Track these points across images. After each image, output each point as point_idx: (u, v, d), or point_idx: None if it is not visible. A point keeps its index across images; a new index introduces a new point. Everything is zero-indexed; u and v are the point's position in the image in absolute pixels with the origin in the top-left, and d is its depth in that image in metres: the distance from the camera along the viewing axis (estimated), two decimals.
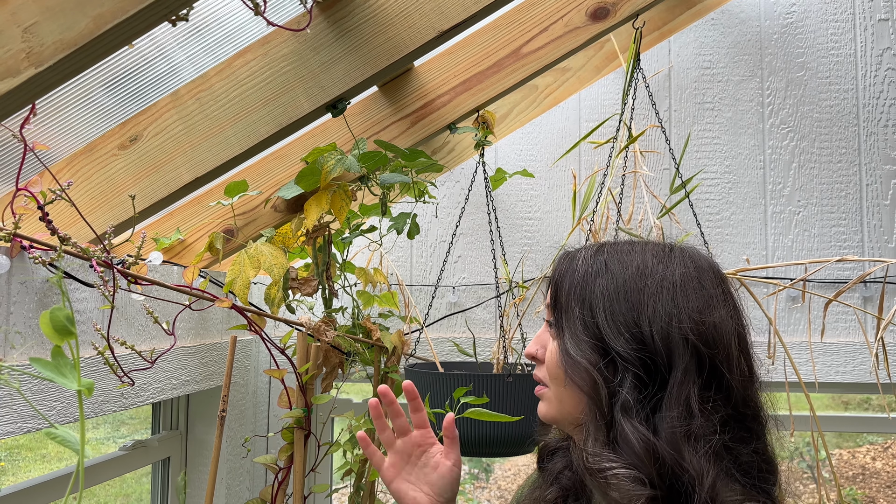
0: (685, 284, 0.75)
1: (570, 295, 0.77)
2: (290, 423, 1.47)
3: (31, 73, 0.84)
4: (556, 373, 0.80)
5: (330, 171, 1.37)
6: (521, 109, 1.92)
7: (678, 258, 0.77)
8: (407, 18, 1.22)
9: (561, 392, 0.80)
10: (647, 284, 0.74)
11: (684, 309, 0.73)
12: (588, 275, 0.77)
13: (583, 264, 0.78)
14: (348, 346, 1.57)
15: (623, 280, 0.75)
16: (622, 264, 0.76)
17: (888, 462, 4.93)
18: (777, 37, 1.87)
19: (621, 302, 0.74)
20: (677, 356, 0.71)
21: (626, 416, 0.70)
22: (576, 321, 0.76)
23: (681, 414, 0.69)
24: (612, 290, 0.75)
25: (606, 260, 0.77)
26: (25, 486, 1.22)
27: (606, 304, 0.74)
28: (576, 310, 0.76)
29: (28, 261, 1.04)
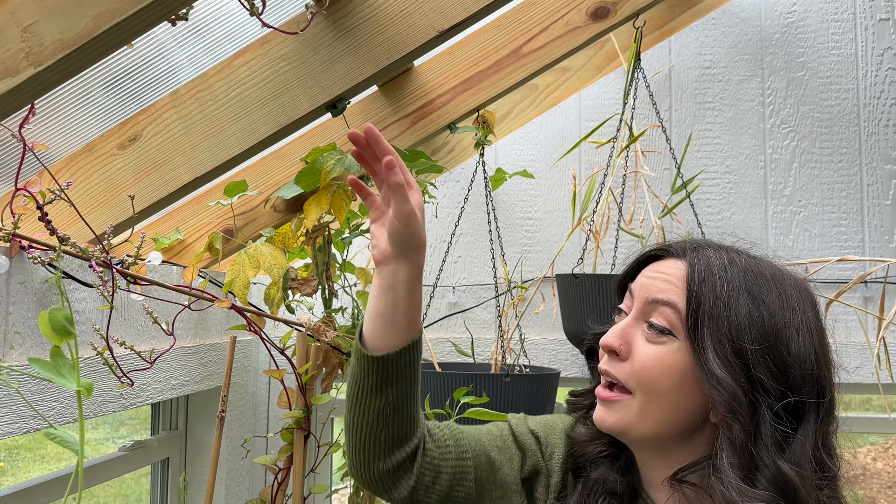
0: (819, 330, 0.75)
1: (718, 310, 0.72)
2: (289, 423, 1.47)
3: (30, 72, 0.84)
4: (655, 380, 0.74)
5: (330, 170, 1.37)
6: (521, 109, 1.92)
7: (810, 299, 0.77)
8: (407, 18, 1.22)
9: (649, 402, 0.75)
10: (791, 321, 0.73)
11: (822, 355, 0.74)
12: (732, 291, 0.73)
13: (723, 275, 0.74)
14: (348, 347, 1.56)
15: (766, 311, 0.73)
16: (766, 288, 0.74)
17: (889, 462, 4.92)
18: (778, 36, 1.87)
19: (769, 333, 0.72)
20: (814, 414, 0.72)
21: (772, 450, 0.69)
22: (723, 340, 0.71)
23: (812, 457, 0.70)
24: (760, 318, 0.72)
25: (745, 277, 0.75)
26: (25, 486, 1.22)
27: (754, 332, 0.72)
28: (725, 328, 0.72)
29: (27, 261, 1.04)
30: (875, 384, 1.54)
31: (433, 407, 1.31)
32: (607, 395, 0.78)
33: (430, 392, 1.39)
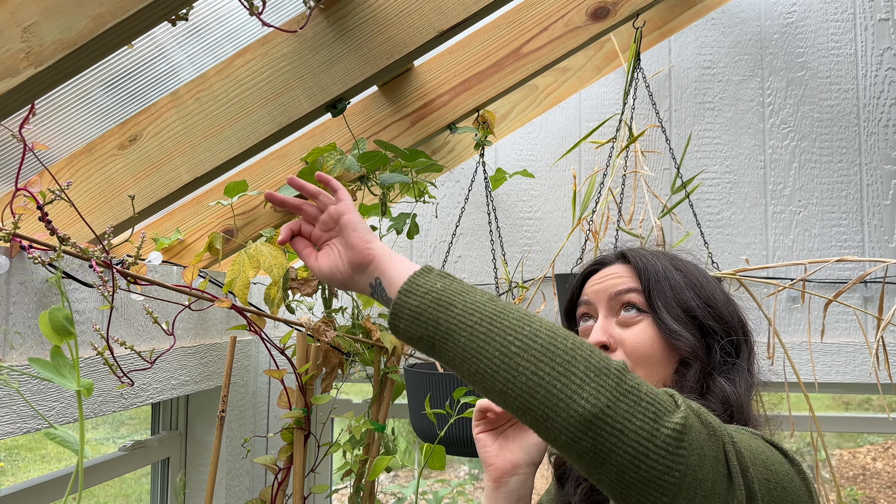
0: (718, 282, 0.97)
1: (661, 281, 0.91)
2: (289, 423, 1.47)
3: (30, 72, 0.84)
4: (647, 353, 0.88)
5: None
6: (521, 109, 1.92)
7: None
8: (407, 18, 1.22)
9: (646, 373, 0.88)
10: (708, 280, 0.94)
11: (726, 298, 0.94)
12: (666, 268, 0.92)
13: (654, 258, 0.93)
14: (348, 347, 1.57)
15: (694, 275, 0.93)
16: (683, 264, 0.95)
17: (888, 462, 4.93)
18: (777, 36, 1.87)
19: (700, 289, 0.92)
20: (742, 334, 0.92)
21: (719, 375, 0.88)
22: (671, 303, 0.89)
23: (749, 369, 0.91)
24: (691, 281, 0.92)
25: (667, 259, 0.95)
26: (25, 486, 1.22)
27: (690, 291, 0.91)
28: (669, 294, 0.90)
29: (27, 261, 1.04)
30: (875, 384, 1.54)
31: (433, 407, 1.31)
32: None
33: (430, 392, 1.39)
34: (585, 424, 0.62)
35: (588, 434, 0.62)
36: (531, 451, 0.89)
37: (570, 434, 0.63)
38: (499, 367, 0.66)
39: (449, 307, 0.70)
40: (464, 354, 0.68)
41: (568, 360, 0.65)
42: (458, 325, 0.69)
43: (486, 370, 0.67)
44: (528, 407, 0.64)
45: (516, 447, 0.89)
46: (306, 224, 0.87)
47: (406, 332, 0.72)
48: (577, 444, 0.63)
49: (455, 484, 4.57)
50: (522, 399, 0.65)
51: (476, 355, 0.67)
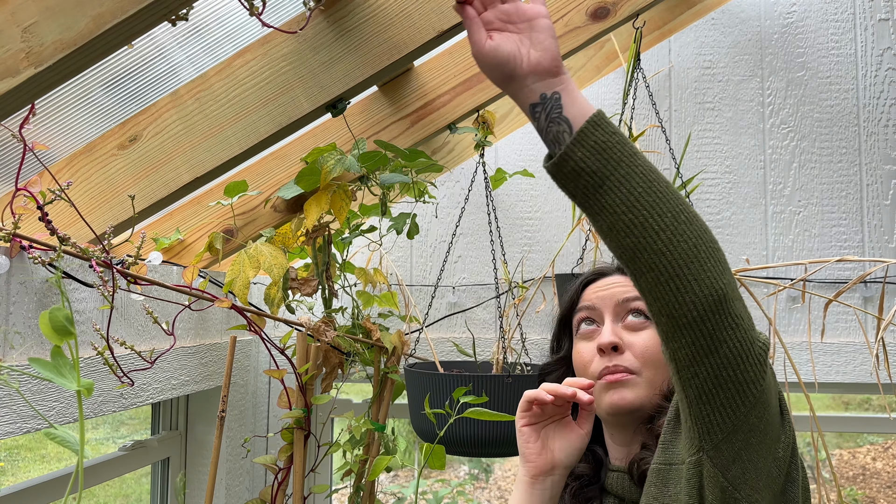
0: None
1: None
2: (289, 423, 1.47)
3: (30, 72, 0.84)
4: (654, 355, 0.90)
5: (330, 171, 1.37)
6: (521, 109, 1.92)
7: None
8: (407, 18, 1.22)
9: (654, 375, 0.91)
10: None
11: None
12: None
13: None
14: (348, 347, 1.57)
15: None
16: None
17: (888, 462, 4.93)
18: (777, 37, 1.87)
19: None
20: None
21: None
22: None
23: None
24: None
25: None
26: (25, 486, 1.22)
27: None
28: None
29: (27, 261, 1.04)
30: (875, 384, 1.54)
31: (433, 407, 1.31)
32: (619, 377, 0.90)
33: (430, 392, 1.39)
34: (718, 303, 0.68)
35: (716, 314, 0.68)
36: (571, 453, 0.89)
37: (702, 310, 0.68)
38: (665, 227, 0.69)
39: (633, 154, 0.71)
40: (632, 202, 0.69)
41: (716, 248, 0.71)
42: (638, 174, 0.70)
43: (651, 225, 0.69)
44: (675, 273, 0.68)
45: (557, 447, 0.90)
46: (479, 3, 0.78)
47: (580, 162, 0.70)
48: (703, 323, 0.68)
49: (455, 484, 4.57)
50: (674, 264, 0.68)
51: (647, 208, 0.69)
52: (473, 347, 1.67)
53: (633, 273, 0.71)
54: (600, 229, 0.72)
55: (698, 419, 0.73)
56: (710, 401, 0.71)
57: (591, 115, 0.71)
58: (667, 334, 0.71)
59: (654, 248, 0.69)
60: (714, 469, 0.73)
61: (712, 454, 0.73)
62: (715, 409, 0.72)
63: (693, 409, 0.73)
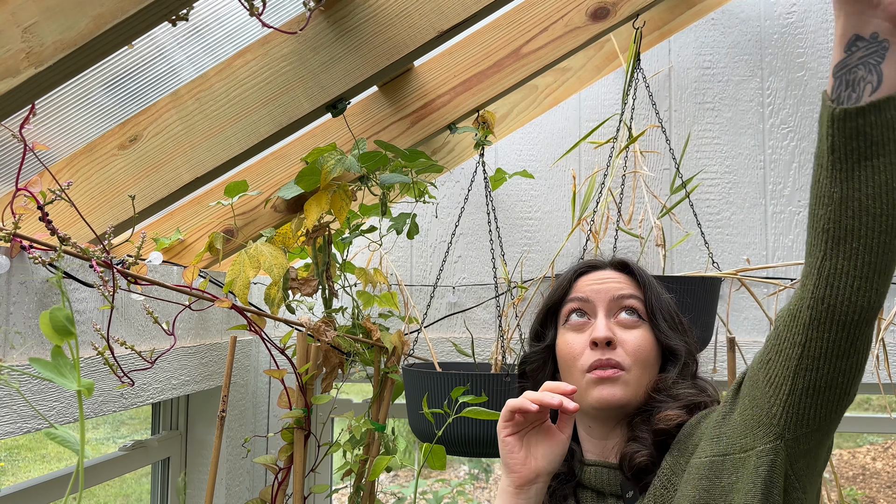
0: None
1: (659, 295, 0.98)
2: (290, 423, 1.47)
3: (30, 73, 0.84)
4: (646, 356, 0.94)
5: (330, 171, 1.37)
6: (521, 109, 1.92)
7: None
8: (407, 18, 1.22)
9: (642, 374, 0.93)
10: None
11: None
12: (658, 286, 1.00)
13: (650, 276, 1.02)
14: (348, 347, 1.57)
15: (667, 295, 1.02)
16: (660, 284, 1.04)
17: (888, 462, 4.93)
18: (777, 37, 1.87)
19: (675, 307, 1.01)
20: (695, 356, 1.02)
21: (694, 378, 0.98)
22: (666, 314, 0.98)
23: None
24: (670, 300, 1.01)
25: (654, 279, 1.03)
26: (25, 486, 1.22)
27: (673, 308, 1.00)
28: (665, 306, 0.98)
29: (28, 261, 1.04)
30: (875, 384, 1.54)
31: (431, 406, 1.31)
32: (611, 372, 0.92)
33: (428, 392, 1.39)
34: (874, 315, 0.70)
35: (868, 325, 0.71)
36: (553, 459, 0.89)
37: (868, 315, 0.70)
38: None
39: None
40: (886, 190, 0.66)
41: None
42: None
43: (890, 219, 0.67)
44: (885, 270, 0.69)
45: (540, 455, 0.89)
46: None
47: (867, 127, 0.65)
48: (857, 327, 0.70)
49: (455, 484, 4.57)
50: (889, 268, 0.69)
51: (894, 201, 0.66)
52: (472, 347, 1.67)
53: (832, 251, 0.68)
54: (831, 195, 0.67)
55: (793, 409, 0.74)
56: (816, 397, 0.73)
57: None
58: (814, 321, 0.71)
59: (880, 240, 0.67)
60: (787, 458, 0.76)
61: (791, 443, 0.75)
62: (815, 405, 0.73)
63: (793, 399, 0.74)
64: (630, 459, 0.89)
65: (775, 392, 0.75)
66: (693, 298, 1.44)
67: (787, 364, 0.74)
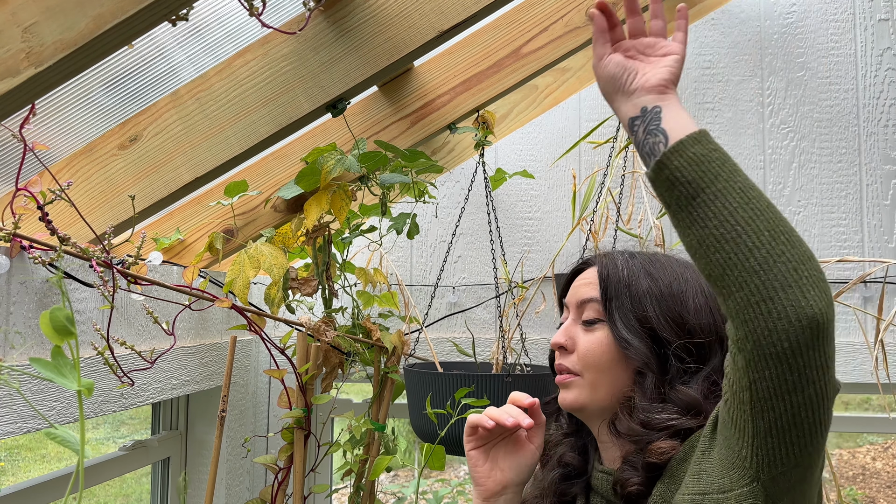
0: (703, 287, 0.91)
1: (620, 291, 0.89)
2: (290, 423, 1.47)
3: (30, 72, 0.84)
4: (597, 360, 0.88)
5: (330, 171, 1.37)
6: (521, 109, 1.92)
7: (687, 265, 0.93)
8: (407, 18, 1.22)
9: (597, 378, 0.88)
10: (684, 288, 0.89)
11: (705, 306, 0.89)
12: (632, 275, 0.90)
13: (624, 265, 0.91)
14: (348, 346, 1.57)
15: (666, 282, 0.90)
16: (661, 270, 0.91)
17: (888, 462, 4.93)
18: (777, 37, 1.87)
19: (667, 299, 0.88)
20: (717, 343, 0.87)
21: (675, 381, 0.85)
22: (627, 312, 0.88)
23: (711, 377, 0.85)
24: (660, 288, 0.89)
25: (643, 265, 0.91)
26: (25, 486, 1.22)
27: (653, 300, 0.88)
28: (627, 303, 0.88)
29: (28, 261, 1.04)
30: (874, 384, 1.54)
31: (434, 407, 1.31)
32: (561, 379, 0.90)
33: (431, 392, 1.39)
34: (814, 338, 0.64)
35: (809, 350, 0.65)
36: (522, 470, 0.90)
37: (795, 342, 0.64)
38: (761, 245, 0.66)
39: (734, 171, 0.70)
40: (725, 217, 0.68)
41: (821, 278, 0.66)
42: (736, 190, 0.69)
43: (745, 241, 0.67)
44: (768, 296, 0.65)
45: (507, 467, 0.90)
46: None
47: (676, 171, 0.70)
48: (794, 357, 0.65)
49: (455, 484, 4.57)
50: (769, 285, 0.65)
51: (742, 224, 0.67)
52: (473, 347, 1.67)
53: (721, 294, 0.68)
54: (690, 245, 0.70)
55: (762, 450, 0.69)
56: (782, 437, 0.68)
57: (694, 131, 0.72)
58: (749, 363, 0.66)
59: (745, 266, 0.66)
60: (767, 499, 0.70)
61: (769, 484, 0.70)
62: (784, 444, 0.68)
63: (758, 441, 0.69)
64: (622, 486, 0.86)
65: (741, 435, 0.71)
66: None
67: (742, 408, 0.69)
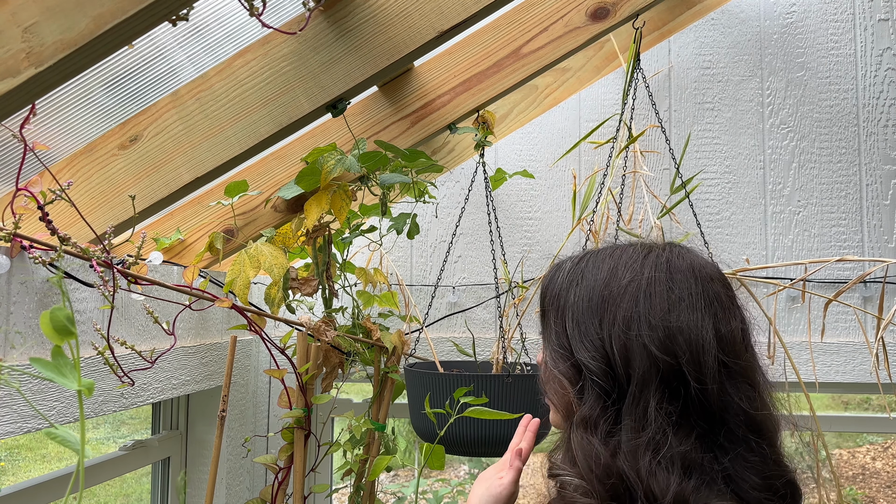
0: (650, 288, 0.71)
1: (550, 305, 0.77)
2: (290, 423, 1.47)
3: (31, 73, 0.84)
4: (544, 376, 0.79)
5: (330, 171, 1.37)
6: (521, 109, 1.92)
7: (652, 261, 0.73)
8: (407, 18, 1.22)
9: (551, 395, 0.79)
10: (612, 291, 0.71)
11: (644, 314, 0.69)
12: (565, 284, 0.76)
13: (566, 274, 0.77)
14: (348, 346, 1.57)
15: (592, 287, 0.73)
16: (597, 271, 0.74)
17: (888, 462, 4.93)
18: (777, 37, 1.87)
19: (586, 310, 0.72)
20: (636, 364, 0.68)
21: (581, 429, 0.69)
22: (551, 332, 0.75)
23: (635, 425, 0.66)
24: (581, 299, 0.73)
25: (584, 268, 0.75)
26: (25, 486, 1.22)
27: (575, 313, 0.72)
28: (552, 320, 0.76)
29: (28, 261, 1.04)
30: (874, 384, 1.54)
31: (433, 406, 1.31)
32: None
33: (430, 392, 1.39)
34: None
35: None
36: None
37: None
38: None
39: None
40: None
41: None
42: None
43: None
44: None
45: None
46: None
47: None
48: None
49: (455, 483, 4.57)
50: None
51: None
52: (473, 347, 1.67)
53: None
54: None
55: None
56: None
57: None
58: None
59: None
60: None
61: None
62: None
63: None
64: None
65: None
66: None
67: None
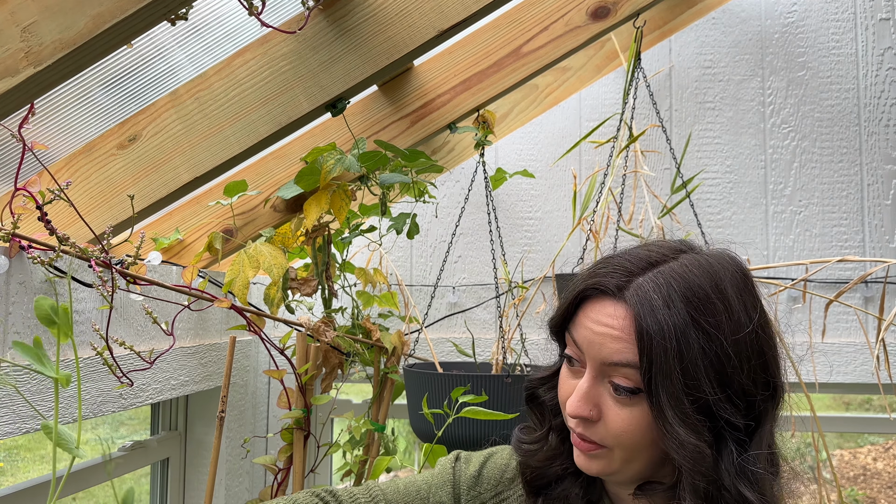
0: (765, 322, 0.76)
1: (669, 362, 0.68)
2: (289, 423, 1.47)
3: (29, 72, 0.84)
4: (635, 440, 0.73)
5: (329, 170, 1.36)
6: (521, 109, 1.92)
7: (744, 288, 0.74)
8: (406, 17, 1.22)
9: (632, 455, 0.74)
10: (741, 337, 0.71)
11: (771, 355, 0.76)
12: (678, 328, 0.68)
13: (666, 313, 0.69)
14: (348, 347, 1.56)
15: (725, 337, 0.70)
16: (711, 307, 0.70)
17: (889, 462, 4.92)
18: (778, 36, 1.86)
19: (724, 364, 0.69)
20: (770, 413, 0.75)
21: (737, 480, 0.70)
22: (678, 390, 0.68)
23: (768, 466, 0.73)
24: (715, 352, 0.69)
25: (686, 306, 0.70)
26: (25, 486, 1.22)
27: (711, 370, 0.69)
28: (677, 380, 0.68)
29: (27, 261, 1.04)
30: (875, 384, 1.54)
31: (431, 407, 1.31)
32: (587, 448, 0.76)
33: (429, 392, 1.39)
34: None
35: None
36: None
37: None
38: None
39: None
40: None
41: None
42: None
43: None
44: None
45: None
46: None
47: None
48: None
49: None
50: None
51: None
52: (473, 347, 1.67)
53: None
54: None
55: None
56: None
57: None
58: None
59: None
60: None
61: None
62: None
63: None
64: None
65: None
66: None
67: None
